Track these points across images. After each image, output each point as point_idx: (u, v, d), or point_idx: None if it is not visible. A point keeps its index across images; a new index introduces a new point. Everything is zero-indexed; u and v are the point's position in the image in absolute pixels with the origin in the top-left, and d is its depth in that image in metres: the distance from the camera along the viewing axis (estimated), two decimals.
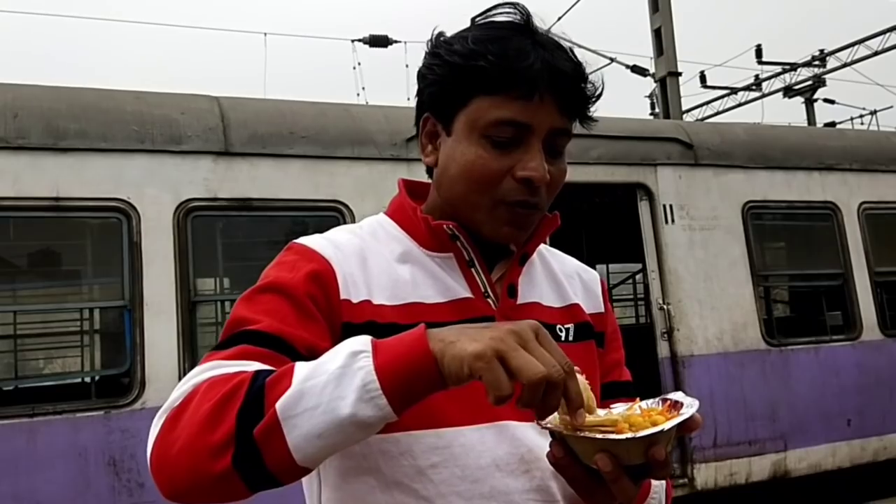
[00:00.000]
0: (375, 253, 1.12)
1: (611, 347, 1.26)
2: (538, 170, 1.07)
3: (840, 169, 6.57)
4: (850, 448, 6.14)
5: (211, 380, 0.91)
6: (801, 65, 19.47)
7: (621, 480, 0.89)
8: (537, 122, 1.06)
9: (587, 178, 5.70)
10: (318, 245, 1.09)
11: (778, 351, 6.03)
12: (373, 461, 1.02)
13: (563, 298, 1.22)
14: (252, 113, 4.90)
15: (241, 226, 4.85)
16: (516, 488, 1.04)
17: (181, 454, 0.87)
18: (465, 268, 1.14)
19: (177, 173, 4.52)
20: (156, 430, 0.92)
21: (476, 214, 1.11)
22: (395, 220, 1.19)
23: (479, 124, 1.07)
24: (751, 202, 6.19)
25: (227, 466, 0.85)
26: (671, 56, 12.34)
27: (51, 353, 6.74)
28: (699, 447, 5.61)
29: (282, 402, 0.84)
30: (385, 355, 0.85)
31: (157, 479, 0.90)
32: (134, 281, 4.32)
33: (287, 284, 1.03)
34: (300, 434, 0.84)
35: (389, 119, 5.28)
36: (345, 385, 0.84)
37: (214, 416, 0.86)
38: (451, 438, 1.02)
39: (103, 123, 4.47)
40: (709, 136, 6.41)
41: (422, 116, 1.17)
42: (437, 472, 1.01)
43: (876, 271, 6.49)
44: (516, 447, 1.05)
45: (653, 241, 5.86)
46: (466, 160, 1.08)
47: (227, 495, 0.89)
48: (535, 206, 1.11)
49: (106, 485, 4.11)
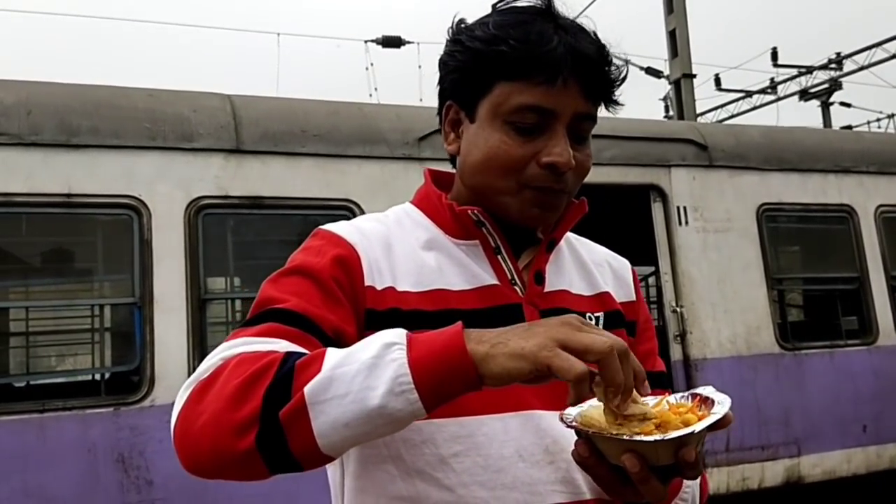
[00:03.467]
0: (401, 240, 1.11)
1: (643, 337, 1.23)
2: (563, 155, 1.05)
3: (856, 171, 6.49)
4: (865, 454, 6.06)
5: (241, 356, 0.90)
6: (817, 68, 19.33)
7: (650, 482, 0.86)
8: (561, 107, 1.05)
9: (601, 180, 5.66)
10: (345, 231, 1.09)
11: (792, 355, 5.96)
12: (394, 449, 1.01)
13: (593, 286, 1.20)
14: (264, 111, 4.90)
15: (252, 224, 4.84)
16: (540, 479, 1.02)
17: (205, 428, 0.86)
18: (491, 255, 1.13)
19: (188, 171, 4.52)
20: (181, 401, 0.91)
21: (502, 198, 1.09)
22: (420, 208, 1.18)
23: (502, 110, 1.06)
24: (765, 204, 6.13)
25: (250, 445, 0.84)
26: (686, 58, 12.28)
27: (61, 349, 6.76)
28: (711, 452, 5.55)
29: (310, 387, 0.83)
30: (420, 350, 0.84)
31: (179, 451, 0.89)
32: (144, 278, 4.32)
33: (313, 268, 1.03)
34: (326, 421, 0.83)
35: (402, 118, 5.26)
36: (376, 375, 0.83)
37: (242, 393, 0.85)
38: (475, 427, 1.01)
39: (116, 120, 4.47)
40: (723, 137, 6.36)
41: (444, 105, 1.16)
42: (460, 461, 1.00)
43: (893, 275, 6.41)
44: (541, 437, 1.03)
45: (666, 243, 5.81)
46: (490, 147, 1.07)
47: (246, 474, 0.88)
48: (562, 192, 1.10)
49: (115, 481, 4.10)
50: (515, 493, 1.00)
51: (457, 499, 0.99)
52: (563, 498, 1.02)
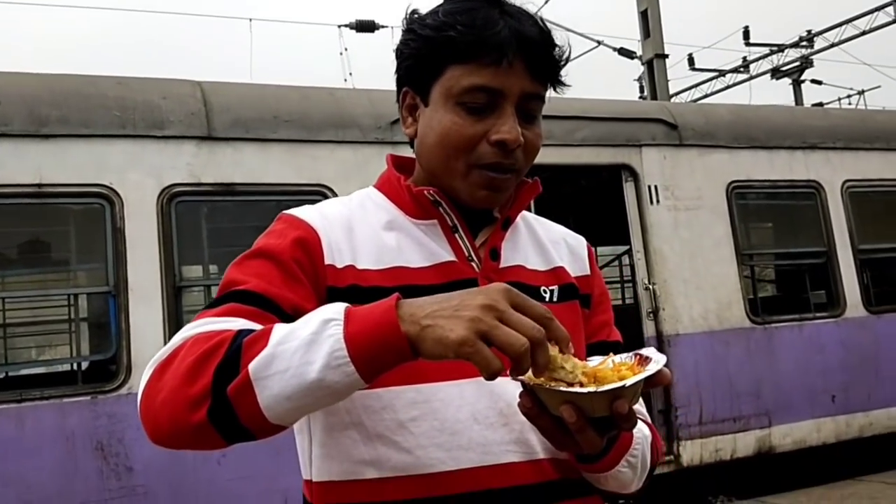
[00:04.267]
0: (362, 222, 1.17)
1: (598, 309, 1.29)
2: (511, 133, 1.10)
3: (823, 147, 6.60)
4: (835, 424, 6.21)
5: (198, 335, 0.96)
6: (788, 46, 19.49)
7: (586, 431, 0.92)
8: (508, 86, 1.10)
9: (573, 161, 5.72)
10: (305, 214, 1.15)
11: (762, 329, 6.08)
12: (356, 416, 1.06)
13: (548, 262, 1.25)
14: (235, 97, 4.89)
15: (225, 211, 4.85)
16: (495, 440, 1.07)
17: (164, 404, 0.93)
18: (448, 233, 1.18)
19: (159, 158, 4.51)
20: (145, 379, 0.98)
21: (453, 181, 1.15)
22: (382, 191, 1.23)
23: (453, 92, 1.11)
24: (735, 182, 6.22)
25: (203, 419, 0.91)
26: (658, 38, 12.34)
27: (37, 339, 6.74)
28: (685, 424, 5.67)
29: (255, 364, 0.89)
30: (355, 325, 0.88)
31: (144, 425, 0.97)
32: (118, 267, 4.32)
33: (274, 250, 1.09)
34: (270, 395, 0.89)
35: (374, 102, 5.28)
36: (313, 351, 0.88)
37: (195, 371, 0.92)
38: (431, 393, 1.06)
39: (85, 109, 4.46)
40: (693, 116, 6.43)
41: (401, 91, 1.21)
42: (417, 424, 1.05)
43: (859, 249, 6.54)
44: (495, 401, 1.08)
45: (638, 221, 5.89)
46: (443, 127, 1.12)
47: (204, 443, 0.95)
48: (510, 170, 1.14)
49: (94, 469, 4.13)
50: (471, 454, 1.06)
51: (415, 460, 1.05)
52: (516, 458, 1.08)
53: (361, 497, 1.06)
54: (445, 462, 1.05)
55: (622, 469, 1.11)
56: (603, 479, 1.12)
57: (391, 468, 1.05)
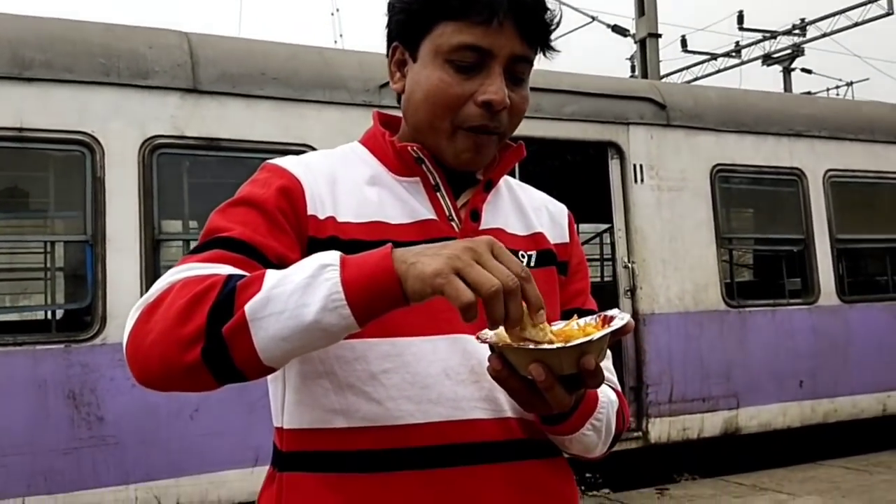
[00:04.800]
0: (345, 175, 1.17)
1: (575, 277, 1.29)
2: (498, 94, 1.10)
3: (808, 136, 6.64)
4: (801, 408, 6.33)
5: (186, 279, 0.97)
6: (781, 33, 19.49)
7: (555, 389, 0.94)
8: (498, 47, 1.10)
9: (560, 135, 5.71)
10: (290, 164, 1.15)
11: (736, 312, 6.16)
12: (328, 365, 1.07)
13: (528, 227, 1.26)
14: (222, 51, 4.83)
15: (208, 165, 4.81)
16: (464, 396, 1.08)
17: (154, 344, 0.94)
18: (431, 192, 1.18)
19: (143, 109, 4.45)
20: (131, 321, 0.98)
21: (438, 140, 1.15)
22: (367, 146, 1.23)
23: (443, 49, 1.11)
24: (719, 165, 6.25)
25: (196, 358, 0.91)
26: (652, 17, 12.29)
27: (12, 286, 6.67)
28: (655, 402, 5.75)
29: (251, 305, 0.90)
30: (352, 270, 0.90)
31: (132, 366, 0.97)
32: (97, 216, 4.28)
33: (259, 198, 1.09)
34: (266, 335, 0.90)
35: (363, 65, 5.23)
36: (310, 294, 0.89)
37: (187, 312, 0.92)
38: (404, 347, 1.08)
39: (69, 55, 4.38)
40: (682, 97, 6.44)
41: (391, 46, 1.21)
42: (389, 376, 1.07)
43: (837, 238, 6.62)
44: (467, 359, 1.09)
45: (621, 199, 5.91)
46: (430, 84, 1.12)
47: (194, 384, 0.96)
48: (495, 132, 1.14)
49: (65, 417, 4.12)
50: (440, 408, 1.07)
51: (384, 411, 1.06)
52: (484, 414, 1.09)
53: (330, 446, 1.07)
54: (414, 415, 1.06)
55: (587, 433, 1.13)
56: (567, 442, 1.14)
57: (360, 418, 1.06)
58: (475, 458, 1.08)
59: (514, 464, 1.10)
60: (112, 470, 4.18)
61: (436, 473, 1.05)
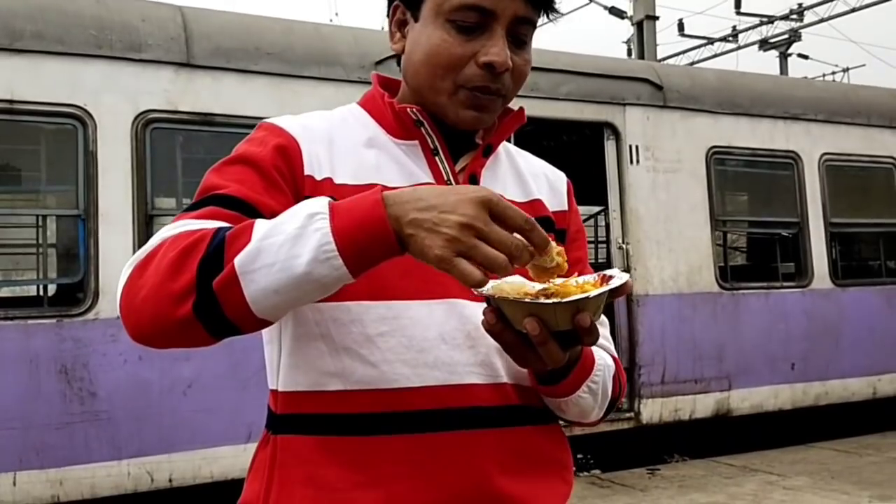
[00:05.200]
0: (343, 136, 1.15)
1: (573, 246, 1.28)
2: (500, 55, 1.08)
3: (805, 119, 6.63)
4: (792, 391, 6.36)
5: (177, 234, 0.96)
6: (778, 17, 19.44)
7: (549, 344, 0.93)
8: (501, 8, 1.08)
9: (556, 115, 5.69)
10: (287, 124, 1.14)
11: (730, 294, 6.17)
12: (324, 327, 1.06)
13: (527, 194, 1.24)
14: (216, 25, 4.77)
15: (201, 141, 4.77)
16: (460, 361, 1.08)
17: (146, 300, 0.93)
18: (429, 156, 1.16)
19: (136, 82, 4.41)
20: (124, 278, 0.97)
21: (439, 98, 1.13)
22: (366, 108, 1.21)
23: (444, 8, 1.09)
24: (715, 147, 6.24)
25: (188, 313, 0.90)
26: None
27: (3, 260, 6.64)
28: (647, 383, 5.77)
29: (240, 258, 0.89)
30: (343, 219, 0.89)
31: (126, 323, 0.96)
32: (89, 191, 4.25)
33: (256, 157, 1.08)
34: (257, 288, 0.89)
35: (359, 41, 5.18)
36: (301, 245, 0.88)
37: (177, 266, 0.91)
38: (401, 310, 1.06)
39: (61, 26, 4.32)
40: (679, 78, 6.41)
41: (392, 5, 1.19)
42: (385, 340, 1.06)
43: (831, 222, 6.63)
44: (463, 323, 1.08)
45: (616, 180, 5.90)
46: (431, 44, 1.10)
47: (188, 339, 0.95)
48: (497, 94, 1.13)
49: (57, 392, 4.11)
50: (436, 372, 1.06)
51: (380, 374, 1.05)
52: (480, 380, 1.08)
53: (325, 408, 1.06)
54: (410, 378, 1.05)
55: (583, 395, 1.12)
56: (564, 405, 1.13)
57: (356, 381, 1.06)
58: (470, 423, 1.07)
59: (510, 429, 1.10)
60: (104, 445, 4.17)
61: (430, 437, 1.05)
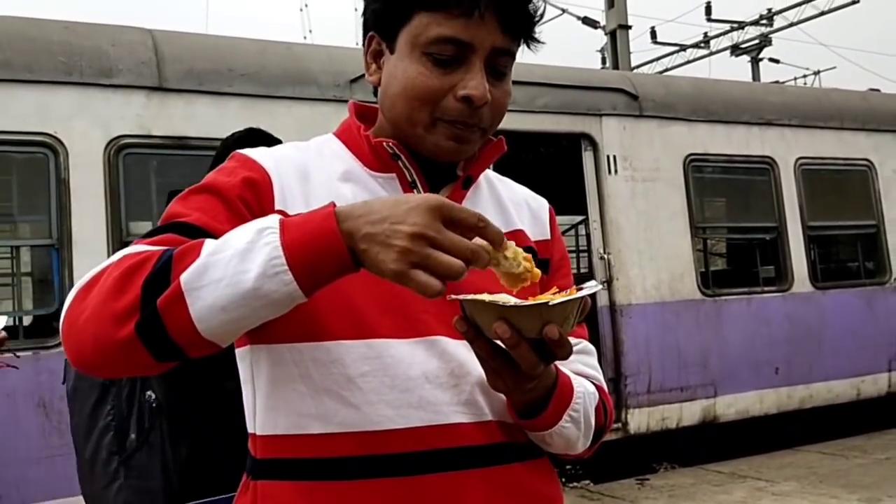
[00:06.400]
0: (318, 170, 1.12)
1: (558, 274, 1.26)
2: (478, 89, 1.05)
3: (779, 124, 6.69)
4: (777, 395, 6.38)
5: (123, 256, 0.93)
6: (748, 23, 19.67)
7: (520, 347, 0.91)
8: (479, 40, 1.05)
9: (533, 127, 5.69)
10: (259, 156, 1.10)
11: (712, 301, 6.18)
12: (304, 368, 1.03)
13: (508, 224, 1.21)
14: (188, 48, 4.73)
15: (176, 165, 4.72)
16: (445, 400, 1.04)
17: (88, 322, 0.89)
18: (407, 188, 1.13)
19: (107, 108, 4.35)
20: (68, 301, 0.93)
21: (416, 130, 1.10)
22: (342, 140, 1.18)
23: (421, 41, 1.06)
24: (692, 155, 6.27)
25: (130, 333, 0.87)
26: (622, 9, 12.33)
27: None
28: (633, 393, 5.76)
29: (187, 274, 0.86)
30: (293, 232, 0.86)
31: (66, 348, 0.93)
32: (62, 219, 4.18)
33: (222, 186, 1.04)
34: (203, 306, 0.86)
35: (333, 59, 5.16)
36: (249, 260, 0.85)
37: (121, 285, 0.88)
38: (382, 349, 1.03)
39: (29, 53, 4.26)
40: (654, 87, 6.45)
41: (367, 36, 1.16)
42: (367, 380, 1.02)
43: (809, 225, 6.68)
44: (446, 362, 1.05)
45: (596, 191, 5.91)
46: (408, 77, 1.07)
47: (131, 362, 0.90)
48: (475, 125, 1.10)
49: (35, 425, 4.03)
50: (420, 412, 1.03)
51: (362, 416, 1.02)
52: (465, 418, 1.05)
53: (305, 452, 1.03)
54: (393, 419, 1.02)
55: (565, 425, 1.09)
56: (549, 438, 1.10)
57: (337, 423, 1.02)
58: (456, 464, 1.04)
59: (496, 468, 1.07)
60: None
61: (416, 480, 1.01)
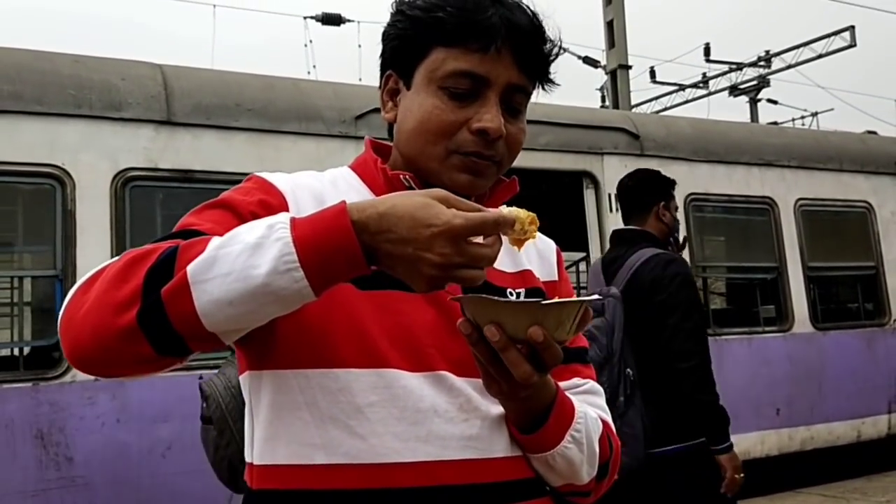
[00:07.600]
0: (333, 199, 1.13)
1: None
2: (493, 121, 1.07)
3: (779, 165, 6.74)
4: (778, 437, 6.33)
5: (127, 252, 0.92)
6: (747, 64, 19.90)
7: (510, 351, 0.91)
8: (494, 75, 1.08)
9: (535, 165, 5.73)
10: (277, 180, 1.11)
11: (713, 340, 6.14)
12: (310, 395, 1.01)
13: (517, 264, 1.22)
14: (196, 83, 4.79)
15: (182, 198, 4.73)
16: (454, 435, 1.04)
17: (88, 313, 0.87)
18: None
19: (115, 141, 4.39)
20: (69, 296, 0.92)
21: (431, 164, 1.11)
22: (357, 172, 1.20)
23: (437, 75, 1.08)
24: (693, 194, 6.31)
25: (131, 321, 0.85)
26: (622, 49, 12.48)
27: None
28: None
29: (193, 266, 0.85)
30: (304, 228, 0.86)
31: (63, 341, 0.90)
32: (67, 250, 4.19)
33: (237, 204, 1.04)
34: (210, 299, 0.84)
35: (339, 96, 5.22)
36: (260, 254, 0.84)
37: (124, 275, 0.87)
38: (392, 380, 1.02)
39: (39, 86, 4.31)
40: (655, 127, 6.51)
41: (384, 75, 1.18)
42: (375, 410, 1.01)
43: (809, 266, 6.69)
44: (455, 396, 1.05)
45: (597, 228, 5.93)
46: (423, 111, 1.09)
47: (129, 354, 0.88)
48: (490, 159, 1.11)
49: (33, 457, 3.99)
50: (429, 447, 1.02)
51: (368, 447, 1.00)
52: (473, 454, 1.05)
53: (306, 483, 1.01)
54: (401, 453, 1.01)
55: (568, 445, 1.08)
56: (552, 461, 1.09)
57: (342, 454, 1.00)
58: (463, 501, 1.03)
59: None
60: None
61: None
